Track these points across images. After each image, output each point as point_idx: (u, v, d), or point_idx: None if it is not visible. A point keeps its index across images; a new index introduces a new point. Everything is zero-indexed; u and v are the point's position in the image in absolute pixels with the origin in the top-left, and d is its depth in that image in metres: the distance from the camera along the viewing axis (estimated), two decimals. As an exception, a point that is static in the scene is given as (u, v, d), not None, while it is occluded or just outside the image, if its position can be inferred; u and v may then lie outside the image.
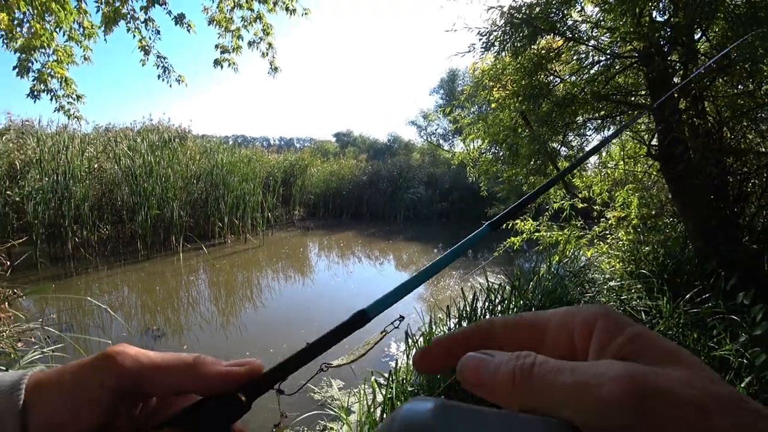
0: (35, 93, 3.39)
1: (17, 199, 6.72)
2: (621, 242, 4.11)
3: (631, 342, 0.19)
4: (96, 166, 7.91)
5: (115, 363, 0.24)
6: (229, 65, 4.96)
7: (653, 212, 3.82)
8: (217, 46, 4.87)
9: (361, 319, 0.27)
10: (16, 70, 3.27)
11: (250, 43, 4.97)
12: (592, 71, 3.76)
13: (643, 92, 3.57)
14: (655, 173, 3.77)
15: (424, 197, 13.02)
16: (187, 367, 0.25)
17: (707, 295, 2.90)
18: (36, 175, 6.85)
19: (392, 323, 0.32)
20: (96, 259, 7.02)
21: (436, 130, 19.88)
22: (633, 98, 3.67)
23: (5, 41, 3.11)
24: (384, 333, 0.32)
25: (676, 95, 3.21)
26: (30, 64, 3.30)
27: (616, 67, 3.56)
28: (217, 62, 4.93)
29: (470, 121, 5.70)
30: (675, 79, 3.19)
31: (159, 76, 4.66)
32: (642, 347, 0.19)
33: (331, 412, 2.69)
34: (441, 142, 19.34)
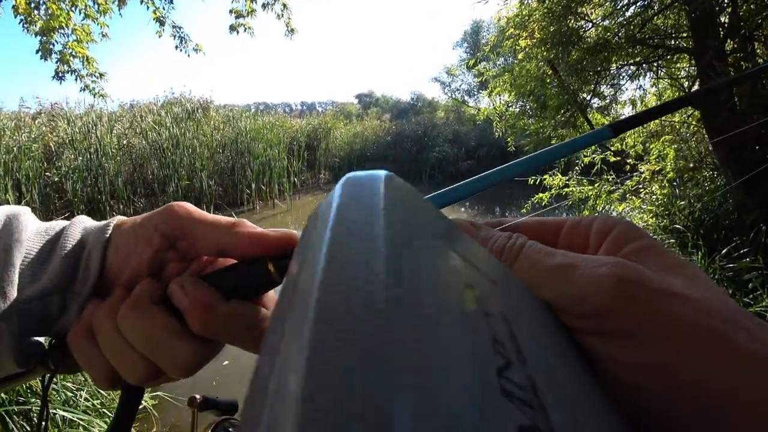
0: (60, 74, 3.46)
1: (56, 179, 7.05)
2: (655, 197, 3.95)
3: (641, 250, 0.19)
4: (125, 142, 8.12)
5: (170, 211, 0.28)
6: (245, 30, 4.88)
7: (691, 165, 3.62)
8: (231, 11, 4.78)
9: None
10: (39, 53, 3.34)
11: (264, 5, 4.84)
12: (627, 13, 3.47)
13: (685, 34, 3.28)
14: (694, 123, 3.53)
15: (450, 155, 12.78)
16: (228, 226, 0.27)
17: (746, 250, 2.78)
18: (71, 155, 7.11)
19: None
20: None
21: (460, 86, 19.12)
22: (673, 41, 3.39)
23: (25, 25, 3.16)
24: None
25: (721, 35, 2.94)
26: (51, 46, 3.35)
27: (655, 8, 3.27)
28: (232, 28, 4.86)
29: (496, 73, 5.46)
30: (721, 18, 2.91)
31: (176, 47, 4.65)
32: (650, 255, 0.18)
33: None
34: (466, 98, 18.64)
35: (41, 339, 0.29)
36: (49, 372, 0.29)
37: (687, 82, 3.50)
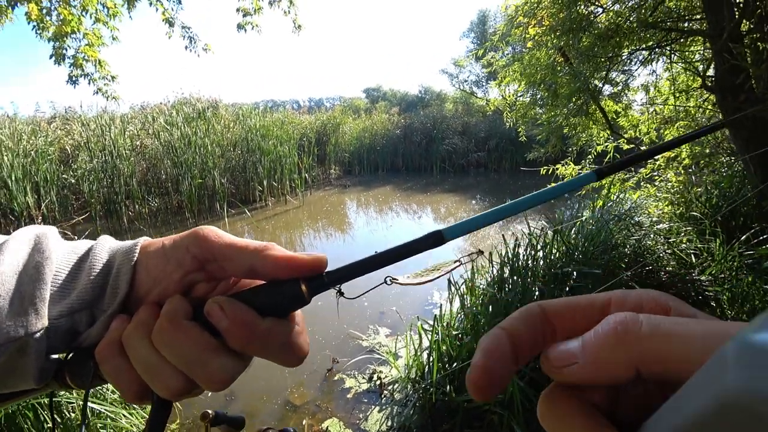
0: (73, 79, 3.53)
1: (72, 181, 7.22)
2: (670, 184, 3.87)
3: None
4: (138, 143, 8.27)
5: (201, 235, 0.29)
6: (252, 28, 4.90)
7: (707, 151, 3.53)
8: (238, 10, 4.80)
9: (436, 239, 0.26)
10: (53, 58, 3.41)
11: (270, 2, 4.86)
12: (638, -3, 3.39)
13: (698, 16, 3.20)
14: (710, 108, 3.45)
15: (460, 147, 12.69)
16: (259, 249, 0.28)
17: (765, 237, 2.72)
18: (86, 158, 7.30)
19: (468, 255, 0.26)
20: (149, 230, 7.51)
21: (468, 77, 18.93)
22: (686, 24, 3.30)
23: (38, 32, 3.22)
24: (458, 263, 0.28)
25: (737, 16, 2.85)
26: (64, 51, 3.42)
27: (667, -10, 3.19)
28: (240, 26, 4.88)
29: (505, 63, 5.39)
30: (736, -2, 2.82)
31: (186, 47, 4.70)
32: None
33: (380, 357, 2.85)
34: (474, 89, 18.45)
35: (58, 356, 0.29)
36: (65, 388, 0.29)
37: (701, 66, 3.41)
